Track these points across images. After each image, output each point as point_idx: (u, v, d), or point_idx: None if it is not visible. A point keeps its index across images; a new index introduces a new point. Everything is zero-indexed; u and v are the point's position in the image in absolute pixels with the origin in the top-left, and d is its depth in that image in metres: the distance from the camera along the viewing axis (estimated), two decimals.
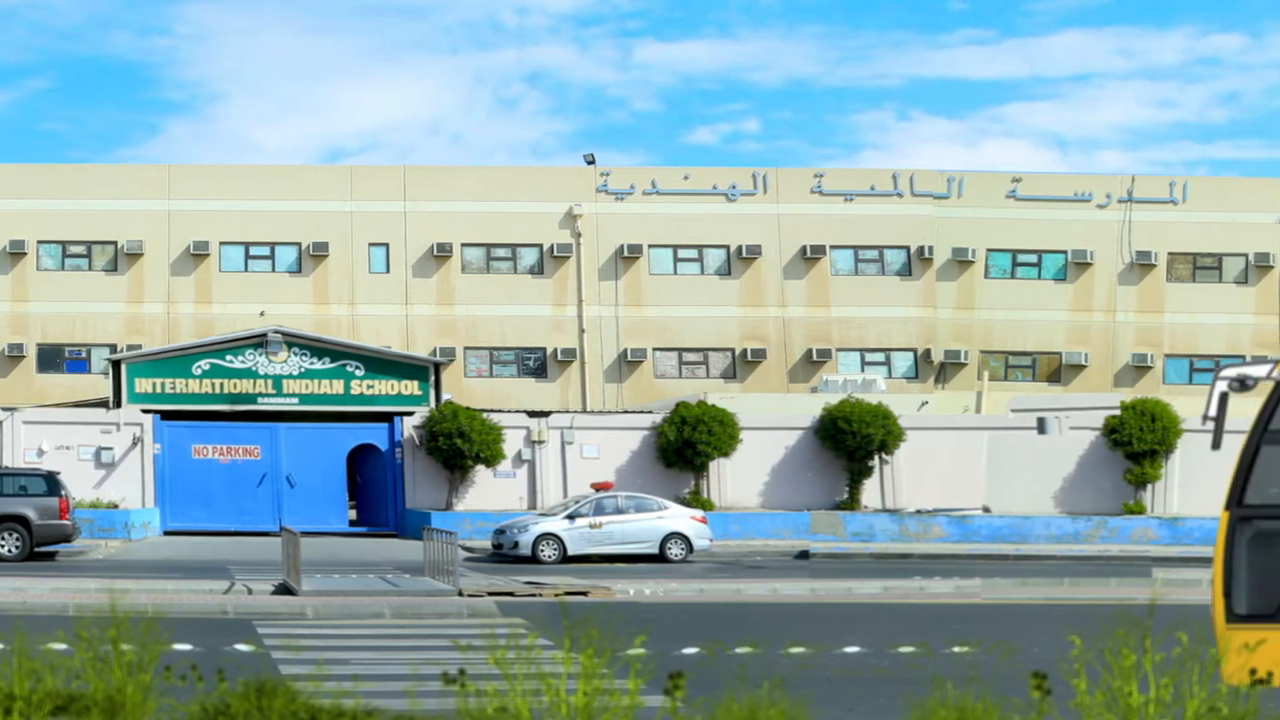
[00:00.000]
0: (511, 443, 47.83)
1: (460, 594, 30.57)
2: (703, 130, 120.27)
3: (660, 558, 41.83)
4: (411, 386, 49.20)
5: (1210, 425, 15.70)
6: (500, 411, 49.34)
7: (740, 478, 48.19)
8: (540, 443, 48.52)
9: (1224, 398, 15.62)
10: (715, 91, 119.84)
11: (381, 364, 49.86)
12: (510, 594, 31.23)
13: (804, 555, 44.12)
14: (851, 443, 47.31)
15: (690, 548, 42.26)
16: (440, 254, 58.72)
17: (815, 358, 58.26)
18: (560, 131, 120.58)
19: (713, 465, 47.87)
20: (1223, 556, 15.50)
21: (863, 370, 56.66)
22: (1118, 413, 47.66)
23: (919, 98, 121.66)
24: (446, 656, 11.84)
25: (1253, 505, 15.53)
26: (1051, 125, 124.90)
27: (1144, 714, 10.87)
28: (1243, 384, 15.76)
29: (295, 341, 49.31)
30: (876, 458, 47.99)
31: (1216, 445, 18.96)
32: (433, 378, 49.52)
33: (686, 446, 47.34)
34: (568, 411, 52.01)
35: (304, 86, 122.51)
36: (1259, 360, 18.25)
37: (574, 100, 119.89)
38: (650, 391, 56.55)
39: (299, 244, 58.69)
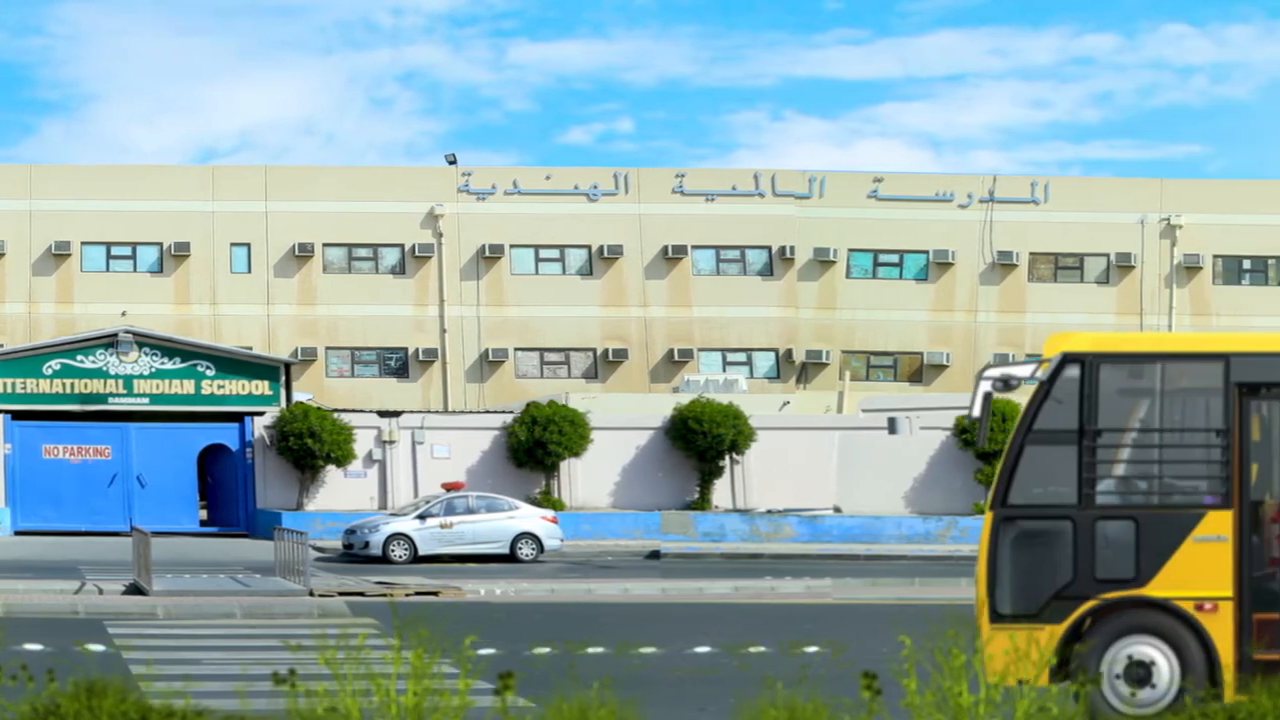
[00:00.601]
0: (363, 443, 48.02)
1: (311, 594, 30.96)
2: (576, 130, 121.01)
3: (511, 558, 42.16)
4: (262, 386, 49.30)
5: (977, 425, 16.28)
6: (352, 411, 49.52)
7: (591, 478, 48.52)
8: (391, 443, 48.68)
9: (988, 398, 15.97)
10: (589, 91, 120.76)
11: (232, 364, 49.96)
12: (361, 594, 31.65)
13: (655, 555, 44.49)
14: (702, 443, 47.69)
15: (541, 548, 42.60)
16: (302, 254, 58.86)
17: (677, 358, 58.69)
18: (434, 132, 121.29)
19: (564, 465, 48.18)
20: (986, 557, 15.79)
21: (724, 370, 57.14)
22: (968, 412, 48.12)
23: (793, 98, 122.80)
24: (292, 657, 11.95)
25: (1016, 505, 15.93)
26: (925, 125, 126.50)
27: (974, 714, 10.97)
28: (1006, 384, 16.19)
29: (146, 341, 49.32)
30: (727, 458, 48.39)
31: (981, 443, 19.37)
32: (283, 378, 49.67)
33: (537, 446, 47.60)
34: (419, 411, 52.22)
35: (178, 87, 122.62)
36: (1023, 361, 18.56)
37: (447, 100, 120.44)
38: (512, 392, 56.81)
39: (160, 244, 58.74)
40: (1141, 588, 15.81)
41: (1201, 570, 15.80)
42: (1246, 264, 60.43)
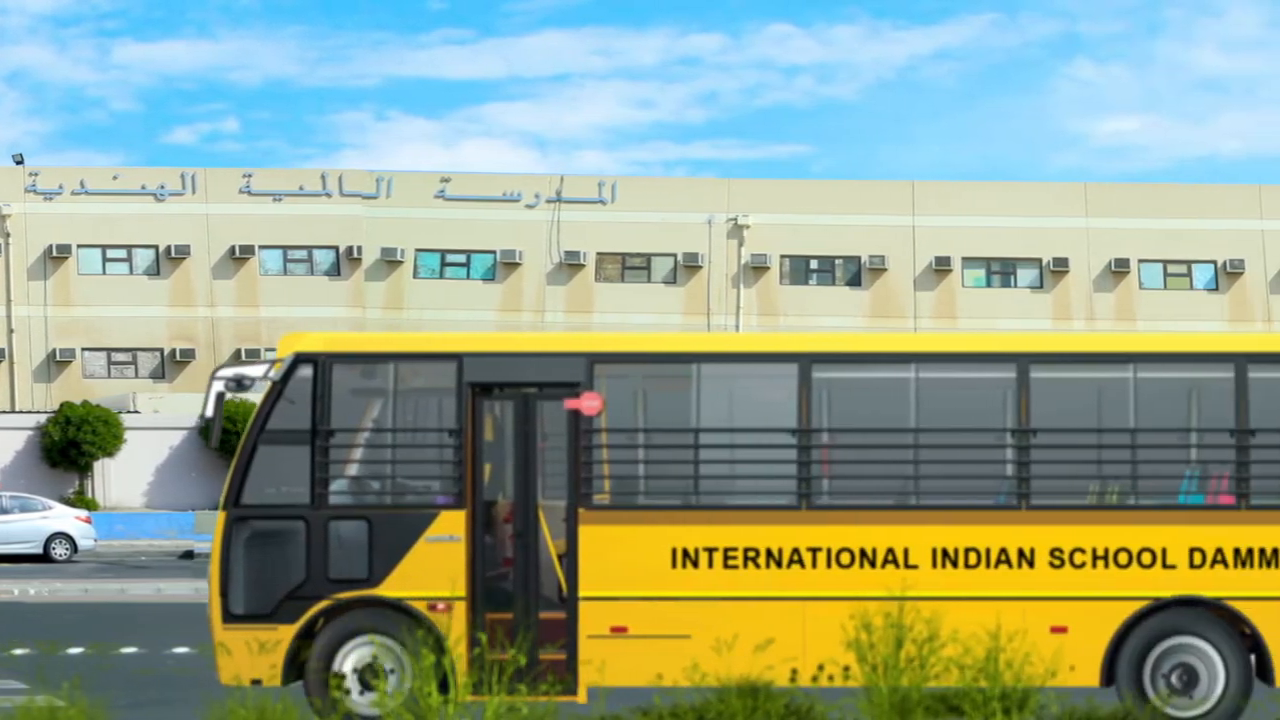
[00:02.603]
0: None
1: None
2: (182, 130, 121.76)
3: (45, 558, 42.97)
4: None
5: (213, 424, 16.57)
6: None
7: (126, 478, 49.65)
8: None
9: (220, 397, 16.42)
10: (194, 91, 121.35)
11: None
12: None
13: (189, 555, 45.26)
14: (235, 442, 48.72)
15: (75, 547, 43.60)
16: None
17: (245, 357, 59.36)
18: (39, 131, 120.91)
19: (98, 465, 49.22)
20: (219, 556, 16.20)
21: None
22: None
23: (398, 98, 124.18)
24: None
25: (250, 505, 16.30)
26: (531, 125, 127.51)
27: (444, 714, 11.36)
28: (240, 384, 16.58)
29: None
30: None
31: (214, 444, 20.34)
32: None
33: (71, 446, 48.64)
34: None
35: None
36: (254, 360, 19.24)
37: (53, 100, 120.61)
38: (80, 391, 57.32)
39: None
40: (374, 588, 16.07)
41: (435, 570, 16.06)
42: (814, 264, 61.81)
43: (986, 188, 63.40)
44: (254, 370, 16.41)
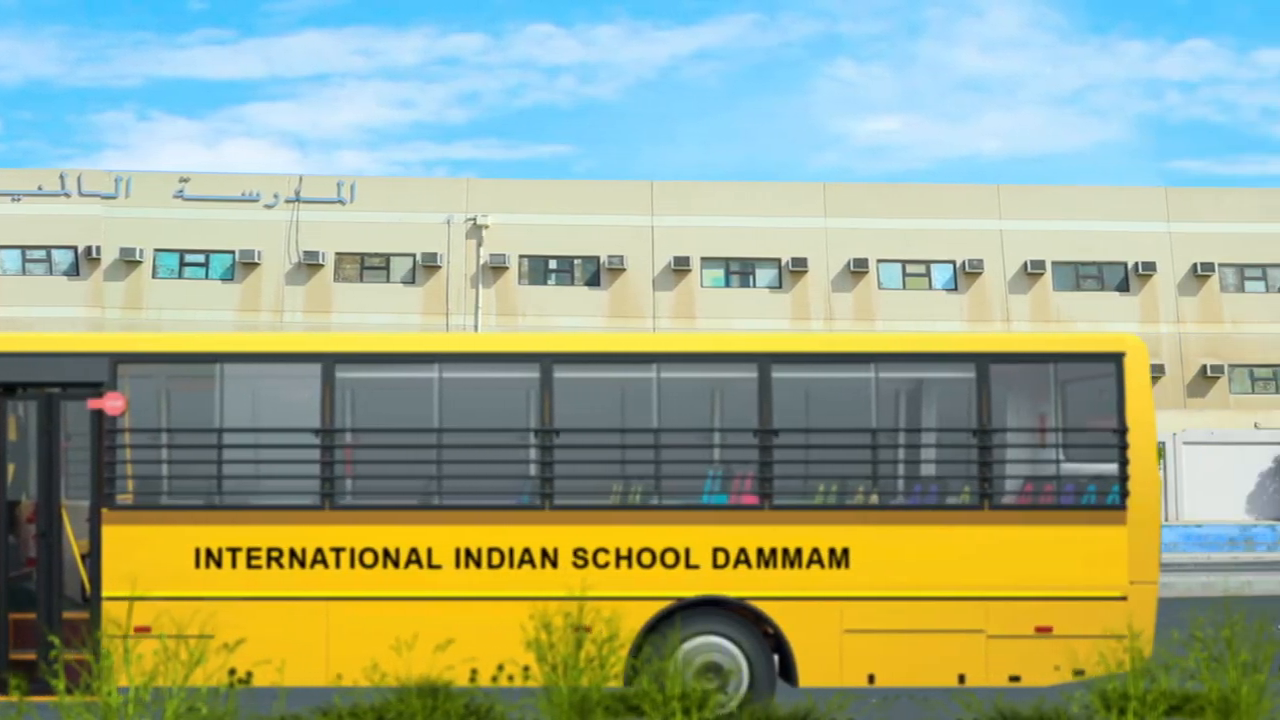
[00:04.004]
0: None
1: None
2: None
3: None
4: None
5: None
6: None
7: None
8: None
9: None
10: None
11: None
12: None
13: None
14: None
15: None
16: None
17: None
18: None
19: None
20: None
21: None
22: None
23: (159, 98, 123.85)
24: None
25: None
26: (292, 125, 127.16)
27: (124, 713, 11.42)
28: None
29: None
30: None
31: None
32: None
33: None
34: None
35: None
36: None
37: None
38: None
39: None
40: None
41: None
42: (553, 264, 62.44)
43: (726, 187, 64.11)
44: None
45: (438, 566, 16.64)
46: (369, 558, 16.65)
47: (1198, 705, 12.62)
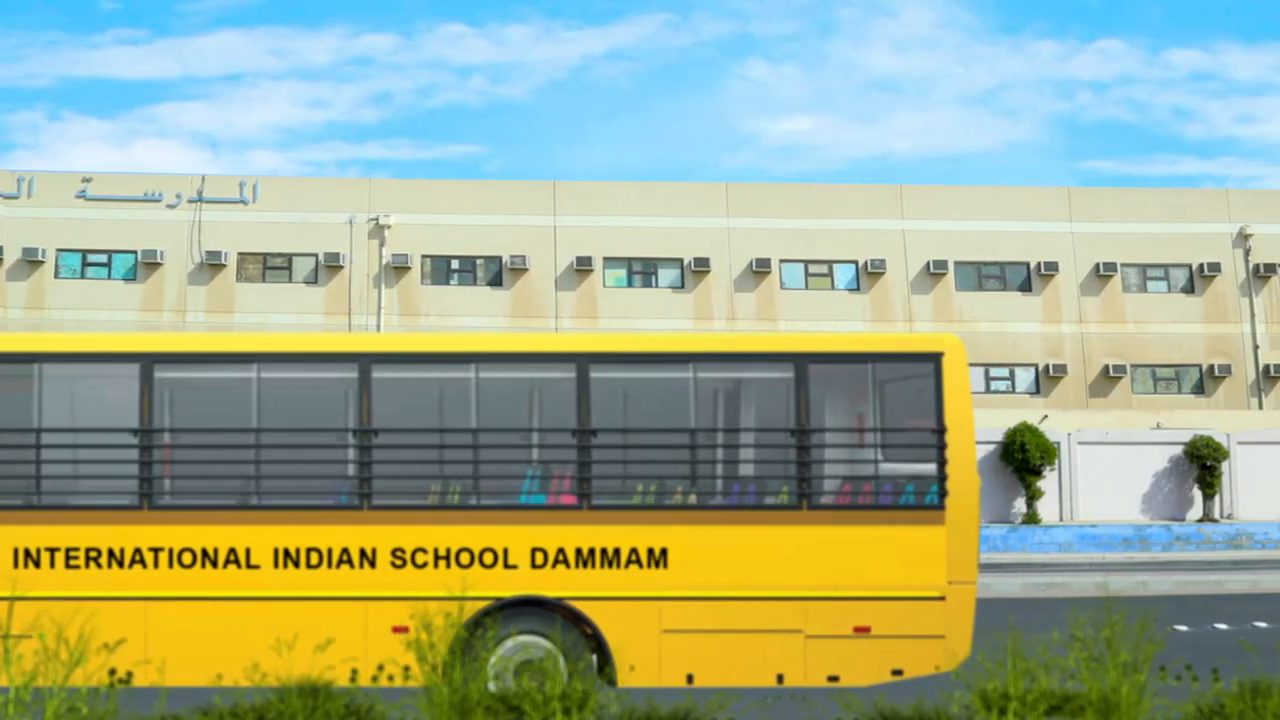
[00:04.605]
0: None
1: None
2: None
3: None
4: None
5: None
6: None
7: None
8: None
9: None
10: None
11: None
12: None
13: None
14: None
15: None
16: None
17: None
18: None
19: None
20: None
21: None
22: None
23: (71, 98, 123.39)
24: None
25: None
26: (204, 125, 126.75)
27: (3, 714, 11.28)
28: None
29: None
30: None
31: None
32: None
33: None
34: None
35: None
36: None
37: None
38: None
39: None
40: None
41: None
42: (455, 264, 62.53)
43: (629, 187, 64.26)
44: None
45: (256, 566, 16.58)
46: (187, 558, 16.60)
47: (1078, 705, 12.60)
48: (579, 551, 16.75)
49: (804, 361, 17.30)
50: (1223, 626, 28.15)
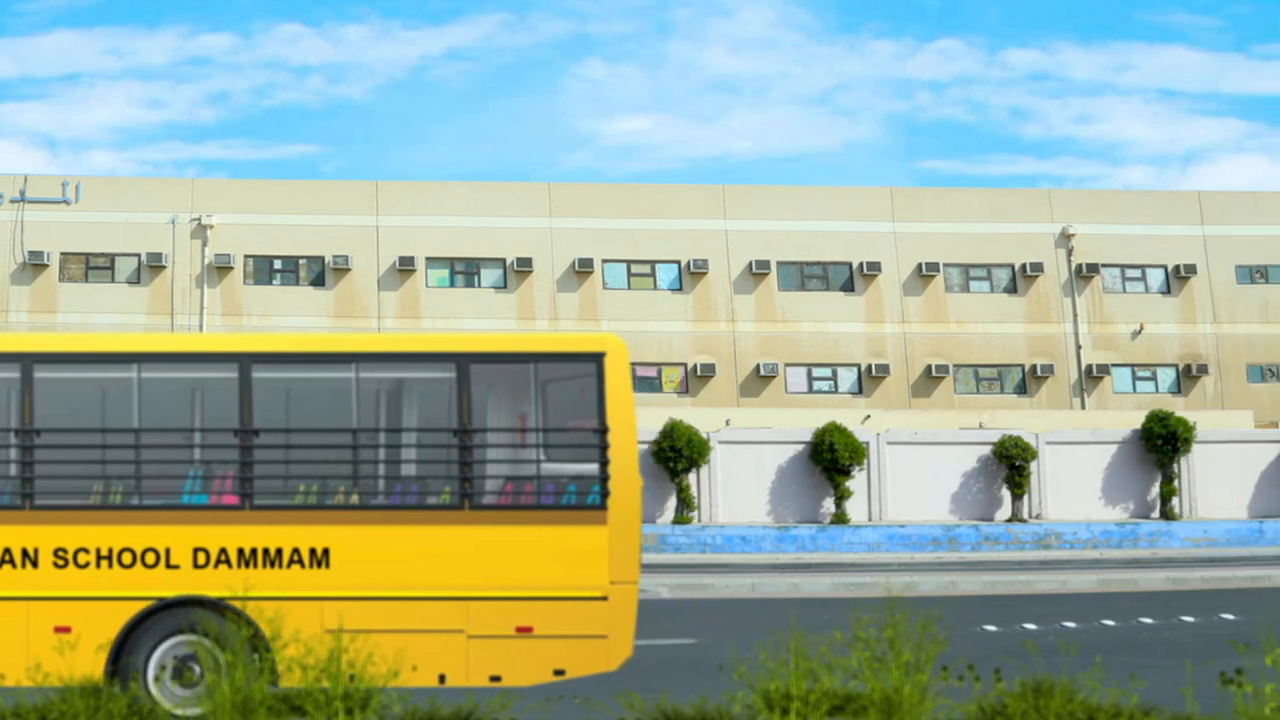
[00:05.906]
0: None
1: None
2: None
3: None
4: None
5: None
6: None
7: None
8: None
9: None
10: None
11: None
12: None
13: None
14: None
15: None
16: None
17: None
18: None
19: None
20: None
21: None
22: None
23: None
24: None
25: None
26: (42, 125, 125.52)
27: None
28: None
29: None
30: None
31: None
32: None
33: None
34: None
35: None
36: None
37: None
38: None
39: None
40: None
41: None
42: (278, 264, 62.52)
43: (453, 187, 64.44)
44: None
45: None
46: None
47: (861, 705, 12.62)
48: (241, 551, 16.68)
49: (466, 361, 17.40)
50: (1032, 626, 28.27)
